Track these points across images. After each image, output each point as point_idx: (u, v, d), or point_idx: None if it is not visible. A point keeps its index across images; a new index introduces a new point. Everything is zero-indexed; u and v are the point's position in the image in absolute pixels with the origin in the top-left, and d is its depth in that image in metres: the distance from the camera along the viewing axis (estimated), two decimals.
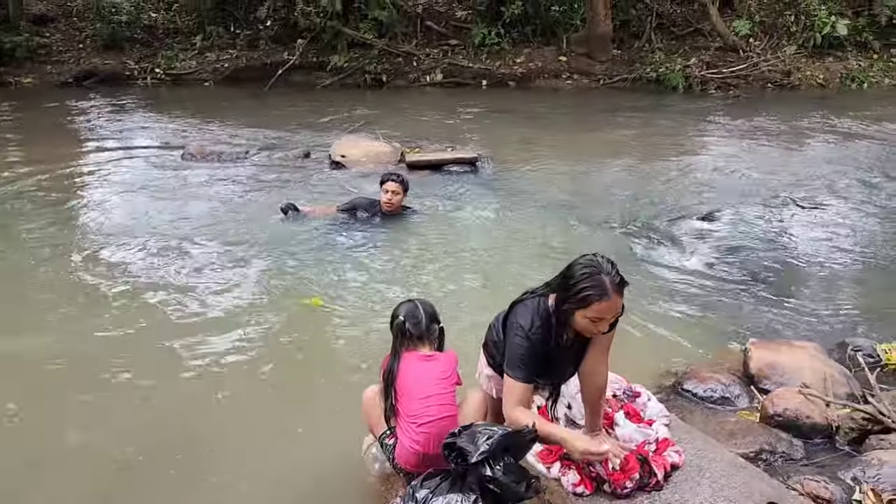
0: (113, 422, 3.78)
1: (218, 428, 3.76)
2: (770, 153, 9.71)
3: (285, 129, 10.82)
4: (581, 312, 2.45)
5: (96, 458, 3.48)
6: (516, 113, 12.57)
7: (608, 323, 2.51)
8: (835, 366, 3.94)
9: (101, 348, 4.47)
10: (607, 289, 2.39)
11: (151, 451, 3.53)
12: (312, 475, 3.35)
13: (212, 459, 3.50)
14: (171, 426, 3.76)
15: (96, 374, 4.16)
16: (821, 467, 3.17)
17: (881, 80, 14.83)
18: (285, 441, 3.63)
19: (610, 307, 2.42)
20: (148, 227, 6.61)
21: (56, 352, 4.43)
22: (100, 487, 3.31)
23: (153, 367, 4.29)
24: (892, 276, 5.75)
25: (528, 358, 2.59)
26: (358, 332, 4.76)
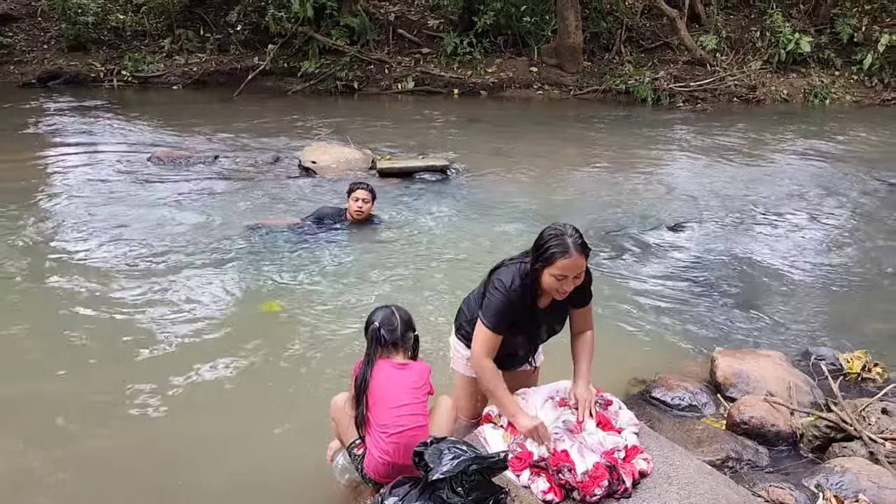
0: (76, 436, 3.69)
1: (182, 438, 3.69)
2: (736, 166, 9.88)
3: (255, 134, 10.72)
4: (548, 270, 2.73)
5: (57, 473, 3.39)
6: (487, 122, 12.62)
7: (571, 282, 2.74)
8: (799, 374, 4.00)
9: (57, 361, 4.38)
10: (569, 247, 2.70)
11: (113, 462, 3.45)
12: (279, 483, 3.30)
13: (176, 470, 3.43)
14: (134, 438, 3.68)
15: (54, 390, 4.06)
16: (785, 474, 3.21)
17: (842, 97, 15.20)
18: (252, 449, 3.58)
19: (571, 264, 2.70)
20: (112, 233, 6.48)
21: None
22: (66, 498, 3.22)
23: (113, 377, 4.20)
24: (852, 287, 5.88)
25: (502, 310, 2.84)
26: (325, 340, 4.70)
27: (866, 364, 4.25)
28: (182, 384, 4.14)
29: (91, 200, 7.45)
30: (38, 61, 15.54)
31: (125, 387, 4.09)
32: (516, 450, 2.82)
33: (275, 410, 3.92)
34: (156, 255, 5.98)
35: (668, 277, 5.92)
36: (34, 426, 3.74)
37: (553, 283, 2.75)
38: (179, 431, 3.73)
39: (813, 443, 3.46)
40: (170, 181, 8.18)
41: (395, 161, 8.99)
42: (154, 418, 3.83)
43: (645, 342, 4.80)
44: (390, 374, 2.94)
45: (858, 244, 6.91)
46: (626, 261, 6.25)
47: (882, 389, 3.84)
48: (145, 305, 5.09)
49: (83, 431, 3.71)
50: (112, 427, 3.75)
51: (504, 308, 2.84)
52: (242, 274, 5.70)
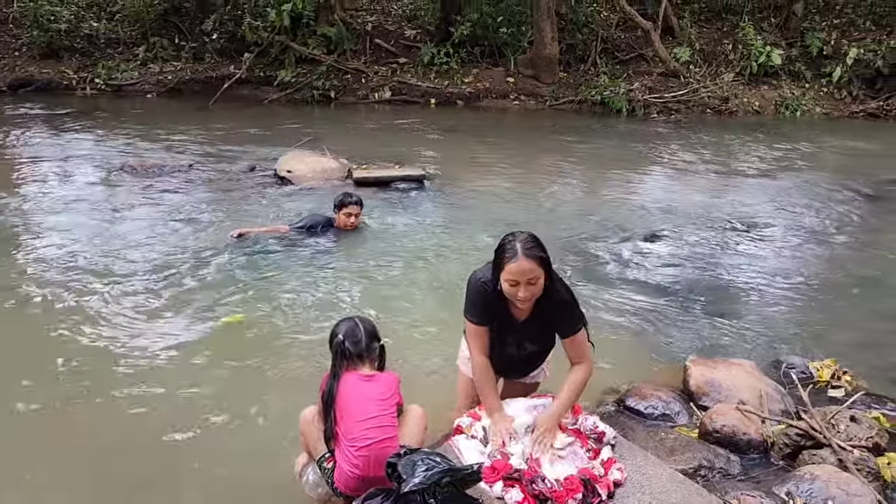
0: (47, 450, 3.62)
1: (151, 451, 3.63)
2: (709, 177, 10.01)
3: (230, 143, 10.65)
4: (503, 276, 2.77)
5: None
6: (464, 132, 12.66)
7: (525, 288, 2.74)
8: (770, 383, 4.04)
9: (23, 373, 4.30)
10: (517, 251, 2.72)
11: (76, 475, 3.39)
12: (250, 498, 3.25)
13: (144, 484, 3.37)
14: (103, 450, 3.62)
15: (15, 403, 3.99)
16: (757, 482, 3.24)
17: (812, 109, 15.47)
18: (221, 463, 3.53)
19: (518, 269, 2.71)
20: (83, 244, 6.39)
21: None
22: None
23: (85, 388, 4.13)
24: (823, 297, 5.96)
25: (474, 300, 2.94)
26: (299, 350, 4.67)
27: (836, 372, 4.31)
28: (152, 397, 4.08)
29: (61, 210, 7.35)
30: (9, 68, 15.33)
31: (95, 400, 4.03)
32: (496, 456, 2.81)
33: (244, 423, 3.87)
34: (129, 267, 5.91)
35: (642, 287, 5.96)
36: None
37: (508, 289, 2.78)
38: (146, 446, 3.67)
39: (784, 451, 3.49)
40: (143, 191, 8.09)
41: (371, 170, 8.98)
42: (123, 431, 3.77)
43: (618, 352, 4.82)
44: (357, 386, 2.93)
45: (829, 254, 7.02)
46: (599, 271, 6.29)
47: (850, 397, 3.89)
48: (118, 316, 5.02)
49: (43, 453, 3.63)
50: (79, 444, 3.68)
51: (475, 297, 2.93)
52: (222, 283, 5.64)
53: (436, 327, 5.01)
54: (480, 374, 3.03)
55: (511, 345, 3.10)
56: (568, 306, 2.93)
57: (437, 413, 3.41)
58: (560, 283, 2.94)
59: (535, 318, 2.98)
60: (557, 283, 2.91)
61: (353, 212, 6.61)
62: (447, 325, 4.89)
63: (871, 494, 2.97)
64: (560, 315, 2.95)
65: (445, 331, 4.81)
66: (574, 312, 2.96)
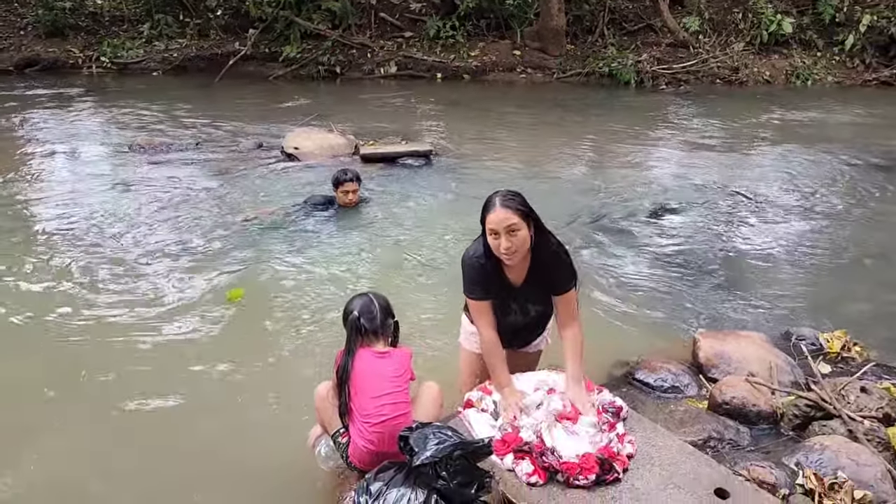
0: (60, 421, 3.67)
1: (166, 426, 3.68)
2: (718, 149, 9.92)
3: (236, 120, 10.62)
4: (487, 232, 2.82)
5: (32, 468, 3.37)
6: (471, 106, 12.57)
7: (506, 238, 2.76)
8: (780, 354, 4.04)
9: (31, 348, 4.37)
10: (494, 202, 2.79)
11: (95, 452, 3.44)
12: (264, 470, 3.30)
13: (160, 457, 3.42)
14: (116, 425, 3.66)
15: (28, 374, 4.05)
16: (766, 453, 3.25)
17: (824, 78, 15.28)
18: (236, 437, 3.57)
19: (496, 217, 2.76)
20: (92, 222, 6.42)
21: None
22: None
23: (95, 363, 4.18)
24: (833, 268, 5.94)
25: (469, 276, 2.97)
26: (312, 326, 4.71)
27: (846, 343, 4.30)
28: (165, 374, 4.13)
29: (71, 189, 7.37)
30: (15, 48, 15.27)
31: (105, 378, 4.08)
32: (507, 430, 2.84)
33: (259, 398, 3.91)
34: (139, 245, 5.94)
35: (651, 261, 5.95)
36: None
37: (492, 242, 2.81)
38: (160, 421, 3.72)
39: (793, 422, 3.50)
40: (151, 169, 8.10)
41: (378, 146, 8.95)
42: (135, 409, 3.81)
43: (628, 325, 4.84)
44: (371, 363, 2.94)
45: (841, 225, 6.97)
46: (609, 245, 6.27)
47: (861, 368, 3.89)
48: (128, 295, 5.06)
49: (53, 424, 3.68)
50: (92, 419, 3.73)
51: (470, 273, 2.96)
52: (228, 263, 5.66)
53: (441, 303, 5.03)
54: (489, 350, 3.05)
55: (514, 312, 3.11)
56: (560, 259, 2.95)
57: (443, 389, 3.43)
58: (552, 237, 2.96)
59: (532, 277, 2.98)
60: (548, 237, 2.94)
61: (351, 188, 6.58)
62: (453, 300, 4.90)
63: (880, 464, 2.98)
64: (554, 270, 2.96)
65: (451, 306, 4.82)
66: (567, 267, 2.98)
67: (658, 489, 2.65)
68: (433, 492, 2.39)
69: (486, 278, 2.94)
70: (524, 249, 2.83)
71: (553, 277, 2.98)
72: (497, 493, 2.61)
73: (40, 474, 3.30)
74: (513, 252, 2.80)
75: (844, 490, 2.71)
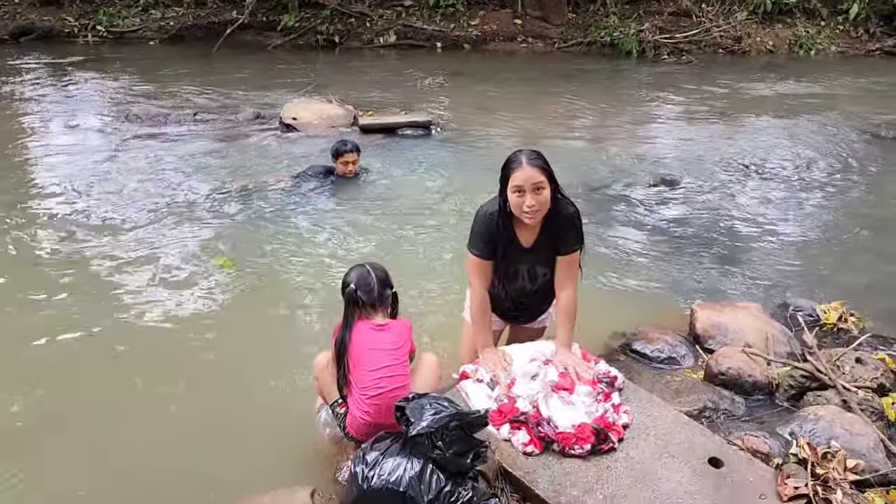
0: (62, 393, 3.70)
1: (167, 392, 3.71)
2: (720, 120, 9.86)
3: (234, 90, 10.54)
4: (509, 189, 2.83)
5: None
6: (471, 76, 12.46)
7: (531, 197, 2.79)
8: (776, 325, 4.06)
9: (30, 315, 4.39)
10: (521, 160, 2.81)
11: (100, 420, 3.47)
12: (263, 438, 3.33)
13: (161, 424, 3.45)
14: (118, 389, 3.69)
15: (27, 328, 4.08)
16: (760, 423, 3.28)
17: (827, 48, 15.11)
18: (237, 404, 3.61)
19: (524, 175, 2.78)
20: (89, 192, 6.41)
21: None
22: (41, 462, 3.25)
23: (98, 331, 4.20)
24: (832, 239, 5.94)
25: (478, 231, 2.98)
26: (310, 296, 4.72)
27: (843, 315, 4.31)
28: (166, 340, 4.16)
29: (67, 160, 7.33)
30: (10, 16, 15.05)
31: (109, 340, 4.11)
32: (503, 400, 2.86)
33: (259, 366, 3.93)
34: (133, 214, 5.94)
35: (650, 232, 5.95)
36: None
37: (515, 200, 2.82)
38: (164, 385, 3.75)
39: (788, 392, 3.53)
40: (148, 139, 8.05)
41: (377, 117, 8.89)
42: (137, 372, 3.84)
43: (626, 296, 4.85)
44: (369, 336, 2.94)
45: (840, 196, 6.96)
46: (608, 216, 6.26)
47: (857, 339, 3.91)
48: (127, 266, 5.06)
49: (59, 388, 3.71)
50: (94, 380, 3.76)
51: (479, 228, 2.97)
52: (224, 232, 5.67)
53: (441, 274, 5.03)
54: (477, 306, 3.09)
55: (523, 276, 3.11)
56: (573, 222, 2.99)
57: (443, 361, 3.45)
58: (570, 202, 2.99)
59: (543, 238, 2.99)
60: (566, 201, 2.98)
61: (350, 159, 6.56)
62: (453, 271, 4.92)
63: (874, 434, 3.01)
64: (566, 231, 2.98)
65: (451, 278, 4.83)
66: (578, 229, 3.01)
67: (653, 458, 2.68)
68: (429, 461, 2.41)
69: (493, 235, 2.95)
70: (545, 209, 2.86)
71: (564, 238, 2.99)
72: (493, 463, 2.64)
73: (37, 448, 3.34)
74: (535, 210, 2.82)
75: (837, 459, 2.73)
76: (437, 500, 2.36)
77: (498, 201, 2.92)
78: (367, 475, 2.42)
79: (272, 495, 2.57)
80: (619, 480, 2.57)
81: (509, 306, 3.25)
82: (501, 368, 3.01)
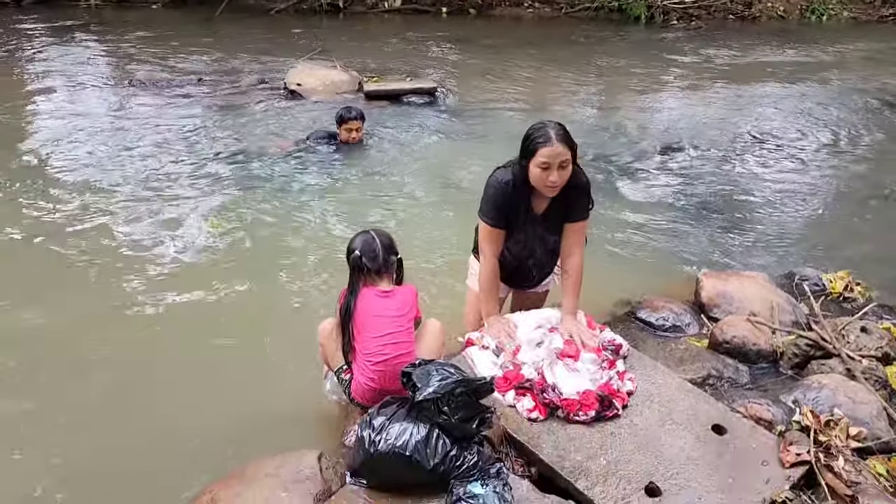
0: (68, 357, 3.73)
1: (174, 358, 3.74)
2: (729, 87, 9.74)
3: (238, 55, 10.43)
4: (533, 162, 2.80)
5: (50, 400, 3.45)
6: (477, 42, 12.30)
7: (556, 173, 2.79)
8: (782, 295, 4.05)
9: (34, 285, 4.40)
10: (551, 136, 2.78)
11: (109, 385, 3.51)
12: (270, 403, 3.37)
13: (170, 388, 3.49)
14: (127, 358, 3.72)
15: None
16: (764, 391, 3.29)
17: (839, 13, 14.86)
18: (243, 369, 3.63)
19: (553, 152, 2.76)
20: (92, 157, 6.39)
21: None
22: (58, 423, 3.29)
23: (100, 301, 4.22)
24: (839, 209, 5.91)
25: (492, 198, 2.96)
26: (314, 263, 4.73)
27: (849, 284, 4.31)
28: (173, 307, 4.18)
29: (70, 125, 7.29)
30: None
31: (113, 307, 4.14)
32: (508, 367, 2.88)
33: (264, 332, 3.96)
34: (136, 178, 5.94)
35: (657, 201, 5.92)
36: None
37: (539, 174, 2.80)
38: (171, 351, 3.79)
39: (792, 360, 3.54)
40: (152, 105, 8.00)
41: (382, 83, 8.81)
42: (145, 338, 3.88)
43: (631, 264, 4.85)
44: (374, 302, 2.94)
45: (849, 165, 6.91)
46: (613, 184, 6.23)
47: (862, 308, 3.91)
48: (132, 230, 5.08)
49: (80, 353, 3.75)
50: (101, 349, 3.79)
51: (493, 196, 2.95)
52: (230, 199, 5.66)
53: (446, 241, 5.03)
54: (487, 275, 3.10)
55: (534, 239, 3.11)
56: (586, 191, 3.00)
57: (447, 326, 3.46)
58: (580, 169, 3.00)
59: (555, 206, 3.00)
60: (581, 170, 2.99)
61: (354, 126, 6.53)
62: (458, 238, 4.92)
63: (877, 402, 3.02)
64: (578, 200, 2.99)
65: (456, 245, 4.83)
66: (588, 199, 3.02)
67: (656, 425, 2.70)
68: (435, 426, 2.44)
69: (506, 203, 2.95)
70: (565, 182, 2.86)
71: (576, 206, 3.00)
72: (498, 429, 2.67)
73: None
74: (558, 186, 2.83)
75: (840, 427, 2.75)
76: (443, 463, 2.39)
77: (512, 169, 2.91)
78: (374, 439, 2.44)
79: (279, 458, 2.60)
80: (622, 446, 2.60)
81: (513, 272, 3.25)
82: (507, 336, 3.03)
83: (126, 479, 2.91)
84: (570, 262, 3.09)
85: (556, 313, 3.17)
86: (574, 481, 2.46)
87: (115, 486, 2.88)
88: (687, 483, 2.45)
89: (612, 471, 2.49)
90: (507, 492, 2.37)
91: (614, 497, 2.40)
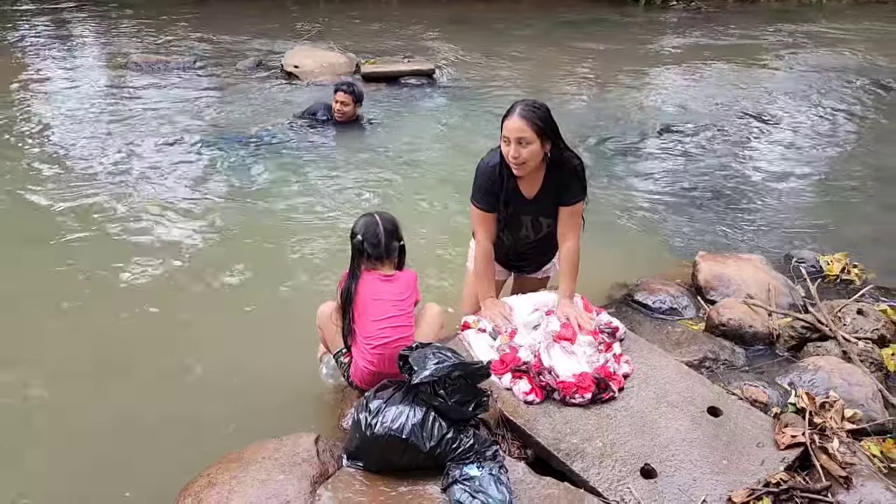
0: (63, 338, 3.73)
1: (169, 342, 3.74)
2: (728, 69, 9.69)
3: (235, 37, 10.36)
4: (501, 136, 2.82)
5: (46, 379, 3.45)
6: (475, 24, 12.23)
7: (516, 147, 2.78)
8: (779, 277, 4.06)
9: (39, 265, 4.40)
10: (514, 110, 2.79)
11: (101, 364, 3.51)
12: (267, 386, 3.37)
13: (166, 372, 3.49)
14: (125, 339, 3.73)
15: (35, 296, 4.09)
16: (760, 373, 3.30)
17: None
18: (240, 351, 3.64)
19: (511, 125, 2.77)
20: (89, 139, 6.37)
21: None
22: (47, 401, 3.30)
23: (96, 283, 4.22)
24: (837, 191, 5.90)
25: (478, 181, 3.00)
26: (312, 244, 4.72)
27: (846, 266, 4.31)
28: (165, 290, 4.17)
29: (65, 108, 7.26)
30: None
31: (107, 287, 4.15)
32: (505, 350, 2.88)
33: (262, 315, 3.96)
34: (133, 161, 5.93)
35: (653, 182, 5.91)
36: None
37: (504, 149, 2.82)
38: (168, 332, 3.79)
39: (789, 343, 3.54)
40: (148, 87, 7.96)
41: (379, 65, 8.76)
42: (138, 322, 3.87)
43: (628, 246, 4.85)
44: (375, 287, 2.93)
45: (847, 147, 6.89)
46: (611, 166, 6.22)
47: (859, 291, 3.91)
48: (115, 210, 5.08)
49: (77, 335, 3.75)
50: (101, 331, 3.80)
51: (481, 180, 2.98)
52: (229, 175, 5.65)
53: (444, 221, 5.03)
54: (481, 258, 3.11)
55: (526, 227, 3.11)
56: (576, 175, 2.98)
57: (445, 309, 3.46)
58: (574, 156, 2.98)
59: (546, 189, 2.99)
60: (570, 154, 2.96)
61: (341, 98, 6.48)
62: (456, 219, 4.91)
63: (872, 384, 3.03)
64: (568, 184, 2.98)
65: (454, 228, 4.83)
66: (581, 182, 3.00)
67: (652, 407, 2.71)
68: (431, 409, 2.44)
69: (494, 186, 2.95)
70: (533, 163, 2.83)
71: (566, 190, 2.99)
72: (494, 411, 2.67)
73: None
74: (520, 162, 2.80)
75: (835, 409, 2.76)
76: (439, 446, 2.40)
77: (500, 151, 2.90)
78: (371, 422, 2.45)
79: (277, 441, 2.60)
80: (618, 429, 2.61)
81: (513, 255, 3.26)
82: (503, 318, 3.03)
83: (122, 462, 2.92)
84: (564, 246, 3.08)
85: (553, 296, 3.17)
86: (570, 463, 2.47)
87: (111, 469, 2.89)
88: (682, 465, 2.47)
89: (608, 453, 2.50)
90: (504, 474, 2.38)
91: (610, 479, 2.41)
